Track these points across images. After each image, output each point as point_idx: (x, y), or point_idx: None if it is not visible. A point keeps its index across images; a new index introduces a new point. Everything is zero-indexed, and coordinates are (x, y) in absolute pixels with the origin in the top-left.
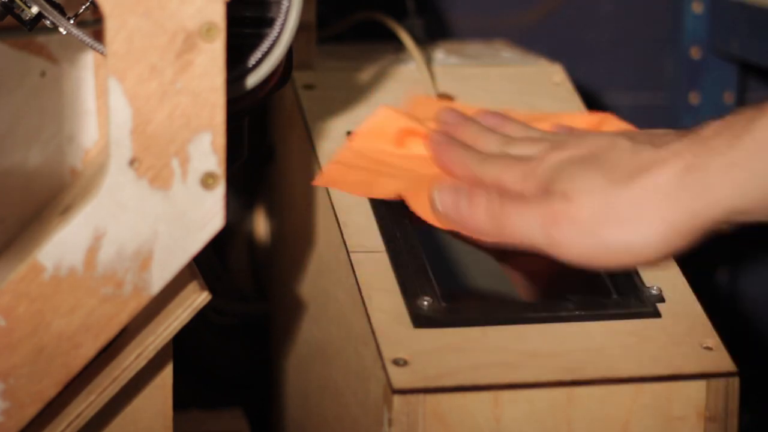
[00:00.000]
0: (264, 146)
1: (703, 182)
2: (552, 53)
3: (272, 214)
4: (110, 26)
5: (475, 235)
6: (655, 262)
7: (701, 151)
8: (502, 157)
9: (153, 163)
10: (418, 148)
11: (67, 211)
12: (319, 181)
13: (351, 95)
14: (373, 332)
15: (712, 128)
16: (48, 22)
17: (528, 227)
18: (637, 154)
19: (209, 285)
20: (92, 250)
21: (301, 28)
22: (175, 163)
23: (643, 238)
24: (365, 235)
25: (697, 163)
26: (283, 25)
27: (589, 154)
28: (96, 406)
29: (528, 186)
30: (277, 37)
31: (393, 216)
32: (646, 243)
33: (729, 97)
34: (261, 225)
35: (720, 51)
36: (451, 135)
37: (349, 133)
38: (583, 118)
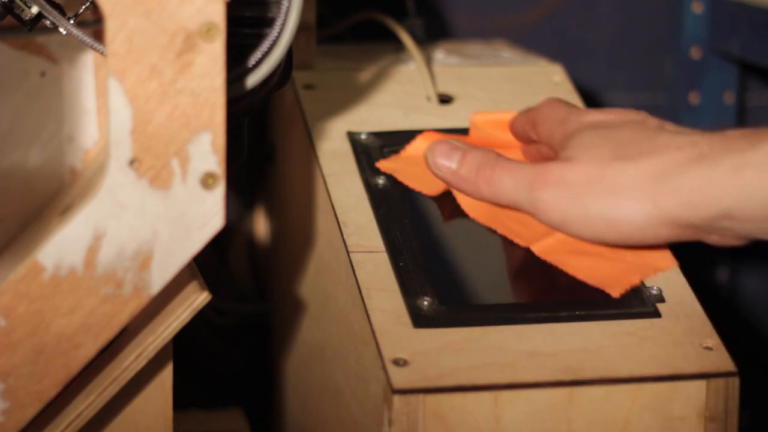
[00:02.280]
0: (264, 146)
1: (708, 175)
2: (552, 53)
3: (272, 214)
4: (110, 26)
5: (463, 191)
6: (635, 243)
7: (719, 145)
8: None
9: (153, 163)
10: None
11: (67, 211)
12: (381, 165)
13: (351, 95)
14: (373, 332)
15: (740, 131)
16: (48, 22)
17: (515, 187)
18: (656, 135)
19: (209, 285)
20: (92, 250)
21: (301, 28)
22: (175, 163)
23: (626, 214)
24: (365, 235)
25: (711, 155)
26: (283, 25)
27: (614, 125)
28: (96, 406)
29: (556, 135)
30: (277, 37)
31: (393, 216)
32: (629, 220)
33: (729, 97)
34: (261, 225)
35: (720, 51)
36: None
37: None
38: None
